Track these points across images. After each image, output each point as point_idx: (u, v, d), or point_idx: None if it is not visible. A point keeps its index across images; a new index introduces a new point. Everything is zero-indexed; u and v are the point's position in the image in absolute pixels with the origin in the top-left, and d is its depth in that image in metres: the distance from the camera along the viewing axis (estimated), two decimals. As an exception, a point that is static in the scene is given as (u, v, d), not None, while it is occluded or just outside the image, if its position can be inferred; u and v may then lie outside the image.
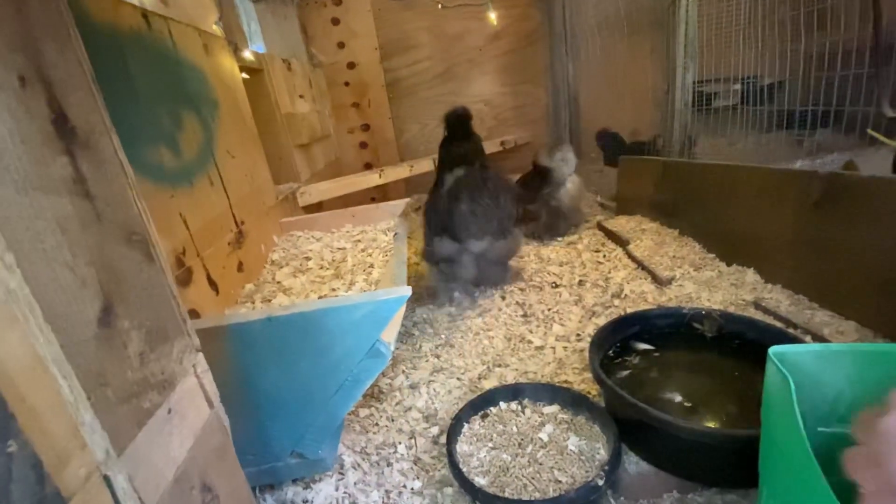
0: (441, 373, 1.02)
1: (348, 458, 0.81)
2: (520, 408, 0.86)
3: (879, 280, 0.92)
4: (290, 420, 0.70)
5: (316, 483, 0.77)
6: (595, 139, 2.13)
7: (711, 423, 0.76)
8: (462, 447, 0.79)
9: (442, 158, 1.39)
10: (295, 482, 0.77)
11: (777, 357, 0.49)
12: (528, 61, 2.65)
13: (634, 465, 0.74)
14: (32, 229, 0.31)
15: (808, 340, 0.91)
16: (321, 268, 1.19)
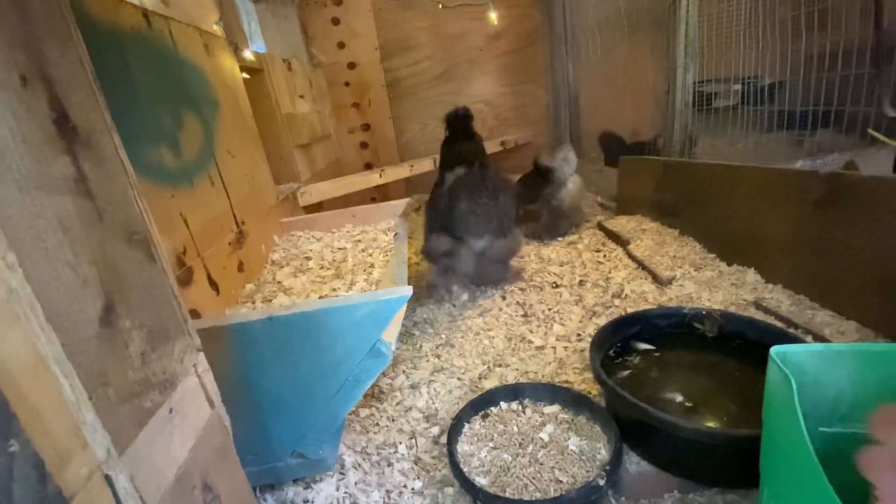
0: (441, 373, 1.02)
1: (349, 458, 0.81)
2: (520, 408, 0.86)
3: (880, 280, 0.91)
4: (291, 420, 0.70)
5: (317, 483, 0.77)
6: (598, 141, 2.13)
7: (712, 423, 0.76)
8: (463, 447, 0.79)
9: (443, 158, 1.39)
10: (296, 482, 0.77)
11: (779, 357, 0.49)
12: (529, 61, 2.65)
13: (635, 465, 0.74)
14: (34, 228, 0.31)
15: (809, 340, 0.91)
16: (322, 268, 1.19)
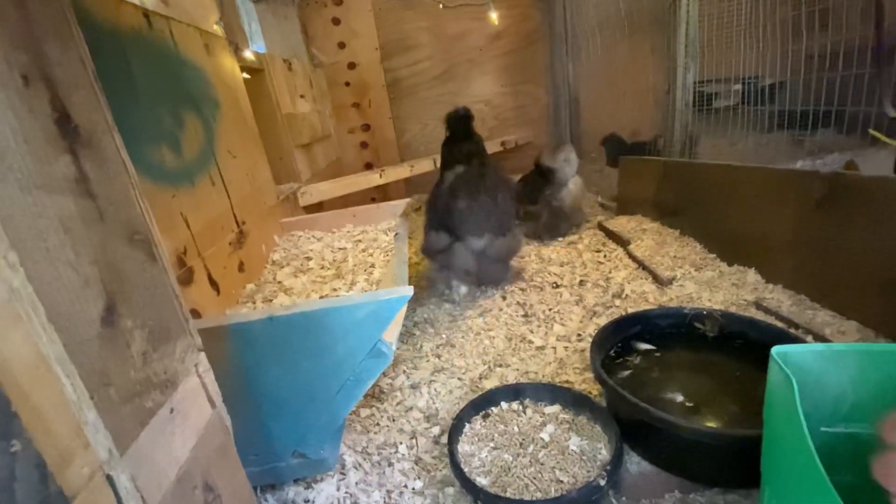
0: (442, 373, 1.02)
1: (349, 458, 0.81)
2: (521, 408, 0.86)
3: (881, 280, 0.91)
4: (292, 420, 0.70)
5: (317, 483, 0.77)
6: (601, 143, 2.13)
7: (713, 423, 0.76)
8: (463, 447, 0.79)
9: (444, 158, 1.40)
10: (296, 482, 0.77)
11: (780, 357, 0.48)
12: (529, 61, 2.65)
13: (636, 465, 0.74)
14: (35, 228, 0.31)
15: (810, 340, 0.91)
16: (322, 268, 1.19)
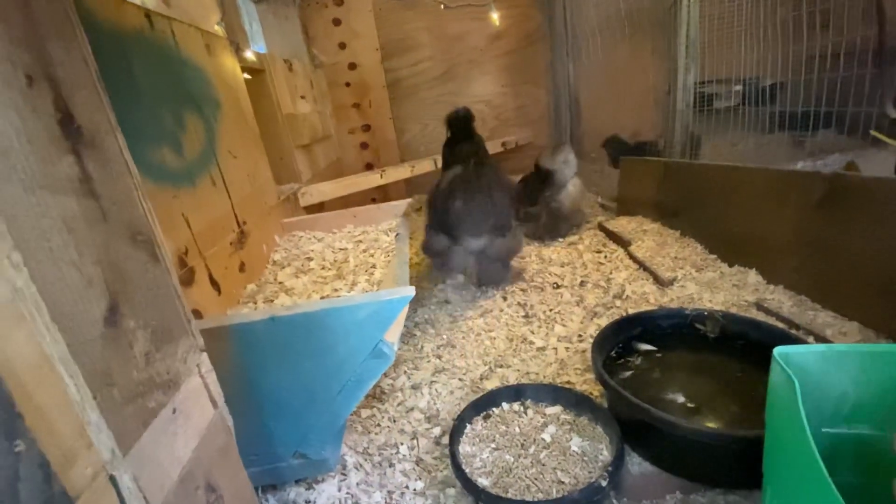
0: (443, 373, 1.02)
1: (350, 459, 0.81)
2: (522, 408, 0.86)
3: (882, 281, 0.91)
4: (293, 420, 0.70)
5: (318, 483, 0.77)
6: (602, 145, 2.13)
7: (714, 424, 0.76)
8: (465, 448, 0.79)
9: (445, 159, 1.40)
10: (297, 483, 0.77)
11: (781, 358, 0.49)
12: (529, 62, 2.66)
13: (637, 466, 0.74)
14: (39, 228, 0.31)
15: (811, 341, 0.91)
16: (323, 268, 1.19)
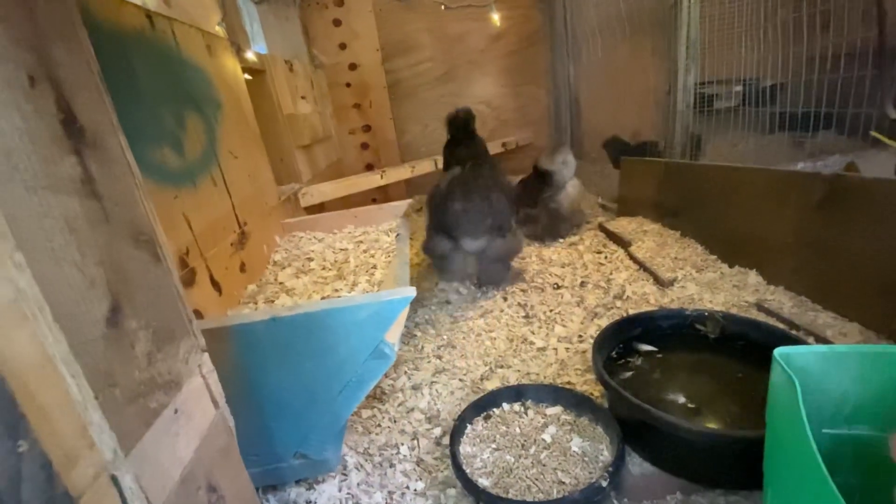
0: (443, 374, 1.02)
1: (351, 459, 0.81)
2: (523, 409, 0.86)
3: (882, 282, 0.92)
4: (294, 421, 0.70)
5: (319, 484, 0.77)
6: (602, 146, 2.13)
7: (715, 425, 0.76)
8: (465, 448, 0.79)
9: (446, 160, 1.40)
10: (298, 483, 0.77)
11: (782, 358, 0.49)
12: (530, 62, 2.66)
13: (638, 467, 0.74)
14: (42, 228, 0.31)
15: (812, 342, 0.91)
16: (323, 269, 1.19)
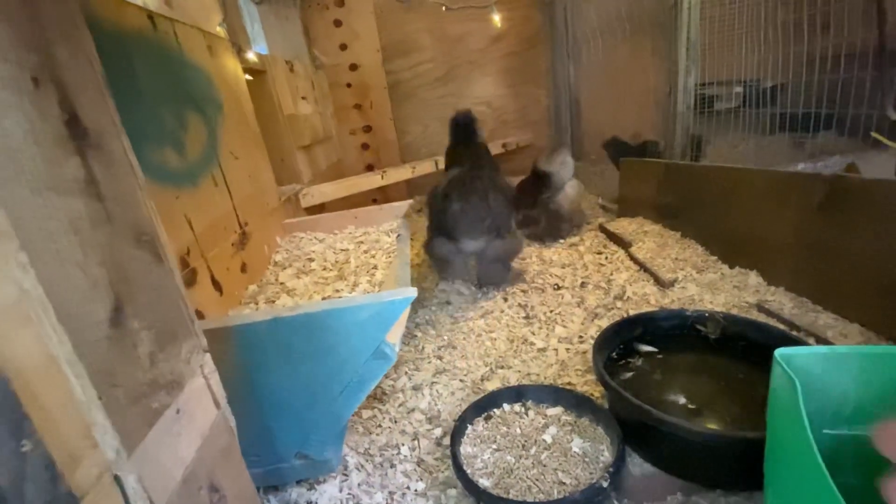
0: (444, 374, 1.02)
1: (352, 460, 0.81)
2: (523, 409, 0.86)
3: (883, 283, 0.92)
4: (295, 421, 0.70)
5: (320, 484, 0.77)
6: (602, 146, 2.13)
7: (715, 426, 0.76)
8: (466, 449, 0.79)
9: (448, 161, 1.41)
10: (299, 483, 0.77)
11: (783, 359, 0.49)
12: (530, 63, 2.66)
13: (638, 468, 0.74)
14: (45, 229, 0.31)
15: (812, 343, 0.91)
16: (324, 269, 1.19)
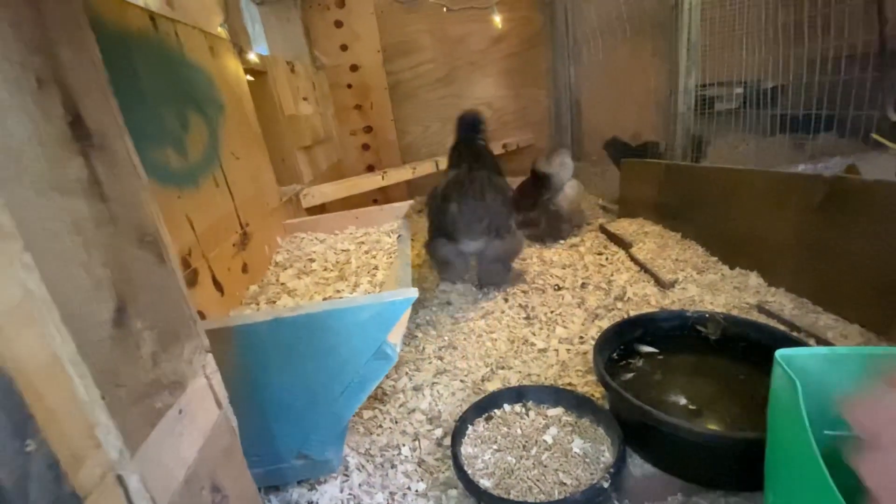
0: (444, 375, 1.02)
1: (353, 460, 0.81)
2: (524, 410, 0.86)
3: (883, 283, 0.92)
4: (296, 421, 0.70)
5: (321, 485, 0.77)
6: (603, 147, 2.13)
7: (716, 426, 0.76)
8: (466, 449, 0.79)
9: (450, 161, 1.42)
10: (300, 483, 0.77)
11: (784, 360, 0.49)
12: (531, 64, 2.66)
13: (639, 468, 0.75)
14: (49, 230, 0.32)
15: (812, 344, 0.91)
16: (325, 269, 1.20)
